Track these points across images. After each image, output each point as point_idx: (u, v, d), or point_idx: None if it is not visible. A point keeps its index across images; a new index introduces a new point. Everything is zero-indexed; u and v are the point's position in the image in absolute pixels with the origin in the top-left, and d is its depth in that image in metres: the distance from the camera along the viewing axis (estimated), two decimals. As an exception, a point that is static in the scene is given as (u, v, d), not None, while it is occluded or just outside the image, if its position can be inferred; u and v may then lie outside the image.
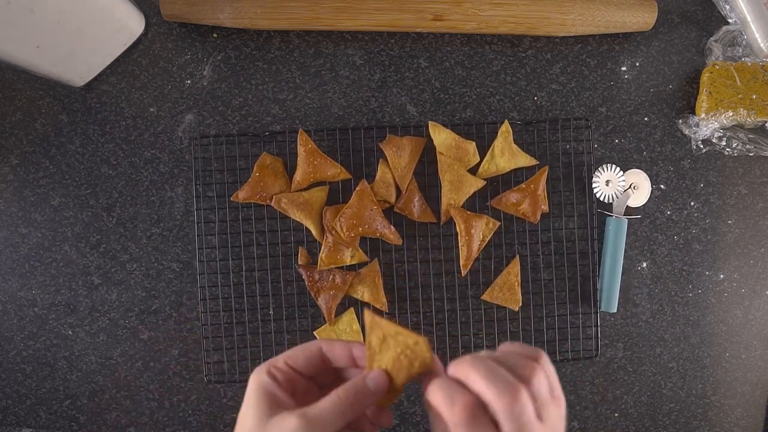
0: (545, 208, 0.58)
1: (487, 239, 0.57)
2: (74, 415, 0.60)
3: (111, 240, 0.59)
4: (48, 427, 0.60)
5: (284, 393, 0.34)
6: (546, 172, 0.57)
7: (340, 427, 0.32)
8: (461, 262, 0.57)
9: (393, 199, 0.57)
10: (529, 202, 0.57)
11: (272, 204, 0.56)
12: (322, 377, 0.37)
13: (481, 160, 0.58)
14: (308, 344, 0.36)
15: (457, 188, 0.57)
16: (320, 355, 0.36)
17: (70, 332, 0.59)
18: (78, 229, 0.59)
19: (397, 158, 0.57)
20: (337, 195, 0.58)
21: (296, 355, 0.35)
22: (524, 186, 0.57)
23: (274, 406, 0.32)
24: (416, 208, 0.57)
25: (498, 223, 0.57)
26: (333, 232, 0.56)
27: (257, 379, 0.34)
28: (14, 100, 0.59)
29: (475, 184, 0.57)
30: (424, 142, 0.58)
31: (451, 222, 0.58)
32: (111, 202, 0.59)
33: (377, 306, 0.57)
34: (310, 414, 0.31)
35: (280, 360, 0.35)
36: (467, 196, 0.57)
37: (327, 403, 0.32)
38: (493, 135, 0.58)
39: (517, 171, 0.59)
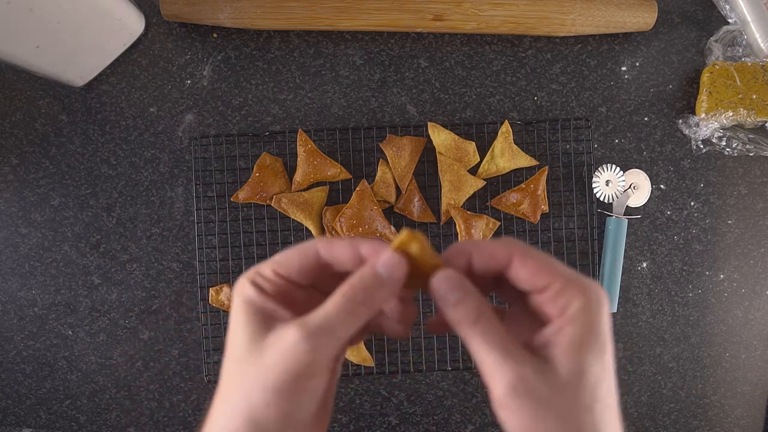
0: (545, 208, 0.58)
1: (488, 239, 0.57)
2: (74, 415, 0.60)
3: (111, 240, 0.59)
4: (48, 427, 0.60)
5: (277, 305, 0.27)
6: (546, 172, 0.57)
7: (353, 332, 0.26)
8: None
9: (393, 199, 0.57)
10: (529, 203, 0.57)
11: (272, 204, 0.56)
12: (326, 284, 0.29)
13: (481, 161, 0.58)
14: (303, 246, 0.29)
15: (457, 188, 0.57)
16: (318, 259, 0.28)
17: (70, 332, 0.59)
18: (78, 229, 0.59)
19: (397, 158, 0.57)
20: (337, 195, 0.58)
21: (287, 261, 0.28)
22: (524, 186, 0.57)
23: (268, 321, 0.27)
24: (416, 208, 0.57)
25: (498, 223, 0.57)
26: (333, 232, 0.56)
27: (242, 294, 0.27)
28: (14, 100, 0.59)
29: (475, 185, 0.57)
30: (424, 142, 0.57)
31: (451, 222, 0.58)
32: (111, 202, 0.59)
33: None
34: (313, 322, 0.25)
35: (266, 268, 0.28)
36: (467, 197, 0.57)
37: (331, 306, 0.26)
38: (493, 135, 0.58)
39: (517, 171, 0.59)
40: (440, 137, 0.57)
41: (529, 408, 0.25)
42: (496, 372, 0.25)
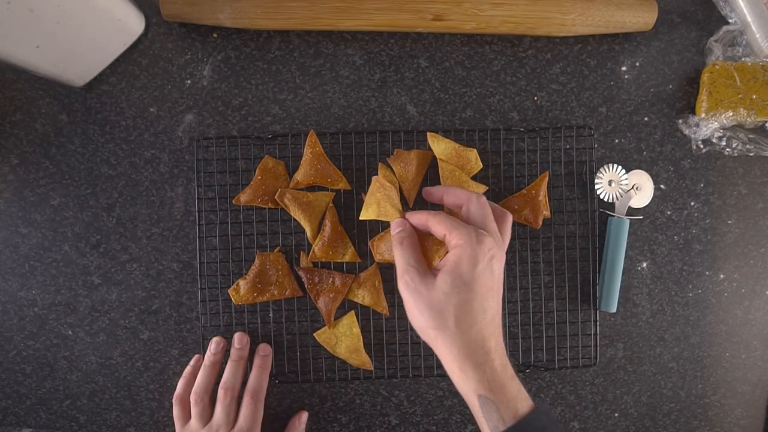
0: (547, 213, 0.57)
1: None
2: (74, 415, 0.60)
3: (111, 240, 0.59)
4: (48, 427, 0.60)
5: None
6: (546, 178, 0.57)
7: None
8: None
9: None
10: (531, 208, 0.56)
11: (276, 197, 0.56)
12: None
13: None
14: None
15: (459, 195, 0.56)
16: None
17: (70, 332, 0.59)
18: (78, 229, 0.59)
19: (405, 173, 0.57)
20: (339, 201, 0.58)
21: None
22: (525, 192, 0.57)
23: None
24: None
25: None
26: (330, 233, 0.56)
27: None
28: (14, 100, 0.59)
29: (477, 190, 0.57)
30: (431, 156, 0.57)
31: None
32: (111, 202, 0.59)
33: (378, 310, 0.57)
34: None
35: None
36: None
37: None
38: (494, 142, 0.58)
39: (518, 176, 0.59)
40: (440, 146, 0.56)
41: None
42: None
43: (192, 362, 0.57)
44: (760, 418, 0.62)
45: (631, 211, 0.60)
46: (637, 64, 0.60)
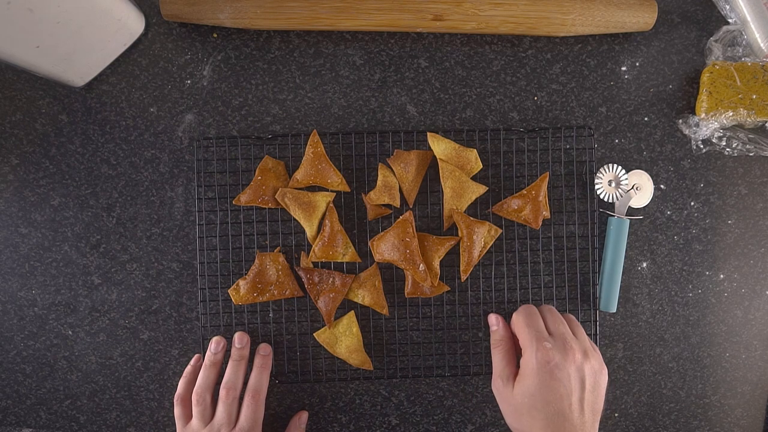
0: (547, 214, 0.57)
1: (488, 246, 0.57)
2: (74, 415, 0.60)
3: (111, 240, 0.59)
4: (48, 427, 0.60)
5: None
6: (547, 178, 0.57)
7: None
8: (461, 268, 0.56)
9: (398, 203, 0.57)
10: (531, 209, 0.56)
11: (276, 197, 0.56)
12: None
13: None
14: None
15: (459, 195, 0.56)
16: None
17: (70, 332, 0.59)
18: (78, 229, 0.59)
19: (405, 173, 0.57)
20: (339, 201, 0.58)
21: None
22: (525, 192, 0.57)
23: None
24: (427, 290, 0.57)
25: (500, 231, 0.57)
26: (326, 236, 0.56)
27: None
28: (14, 100, 0.59)
29: (477, 191, 0.57)
30: (431, 156, 0.57)
31: (453, 228, 0.58)
32: (111, 202, 0.59)
33: (378, 310, 0.57)
34: None
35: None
36: (469, 203, 0.57)
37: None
38: (494, 142, 0.58)
39: (518, 176, 0.59)
40: (440, 147, 0.56)
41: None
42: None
43: (192, 362, 0.57)
44: (760, 418, 0.62)
45: (631, 211, 0.60)
46: (637, 64, 0.60)
